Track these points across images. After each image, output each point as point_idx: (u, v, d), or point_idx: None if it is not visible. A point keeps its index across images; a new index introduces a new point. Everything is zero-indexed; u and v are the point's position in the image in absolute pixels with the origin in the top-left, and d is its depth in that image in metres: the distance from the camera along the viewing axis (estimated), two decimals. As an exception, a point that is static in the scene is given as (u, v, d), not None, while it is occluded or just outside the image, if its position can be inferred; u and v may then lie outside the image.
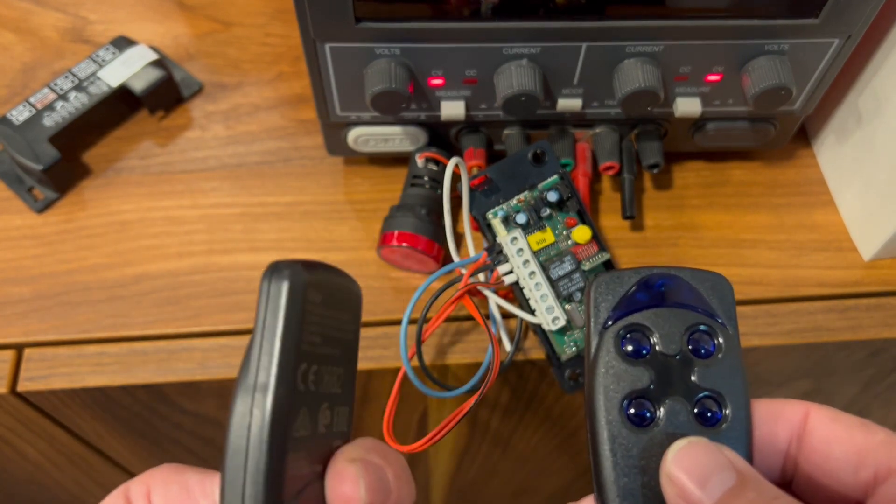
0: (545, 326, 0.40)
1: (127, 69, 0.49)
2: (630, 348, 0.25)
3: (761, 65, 0.40)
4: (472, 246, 0.43)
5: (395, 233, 0.44)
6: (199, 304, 0.44)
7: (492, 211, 0.43)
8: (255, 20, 0.55)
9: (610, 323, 0.25)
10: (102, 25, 0.54)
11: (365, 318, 0.44)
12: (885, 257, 0.46)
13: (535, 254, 0.42)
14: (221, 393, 0.44)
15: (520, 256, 0.42)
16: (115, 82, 0.48)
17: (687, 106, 0.43)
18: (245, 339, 0.43)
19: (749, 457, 0.24)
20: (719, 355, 0.24)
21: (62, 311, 0.44)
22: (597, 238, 0.43)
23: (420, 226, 0.44)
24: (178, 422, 0.49)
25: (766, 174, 0.50)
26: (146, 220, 0.47)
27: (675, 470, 0.22)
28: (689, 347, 0.25)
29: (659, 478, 0.23)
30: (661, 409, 0.24)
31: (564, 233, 0.43)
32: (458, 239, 0.45)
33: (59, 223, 0.47)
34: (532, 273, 0.41)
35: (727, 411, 0.24)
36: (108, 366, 0.42)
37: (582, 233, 0.42)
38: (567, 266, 0.42)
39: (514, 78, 0.40)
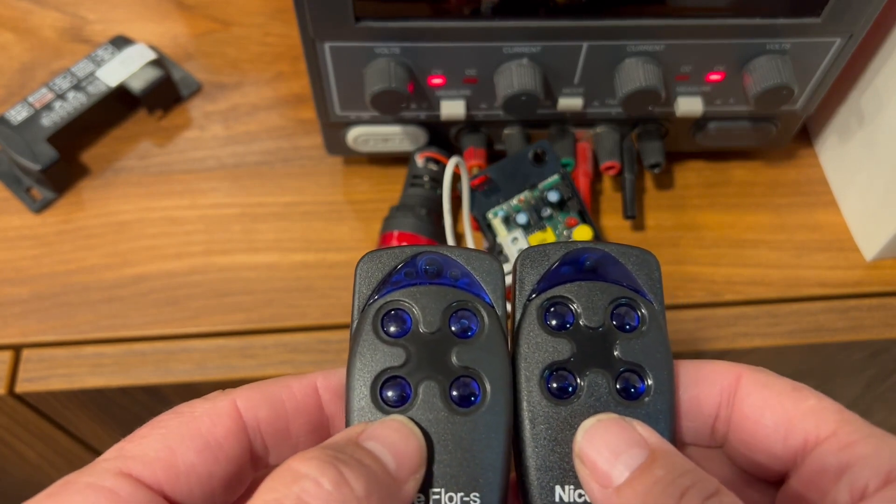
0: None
1: (125, 69, 0.49)
2: (553, 321, 0.24)
3: (763, 64, 0.40)
4: (473, 246, 0.43)
5: (396, 233, 0.43)
6: (197, 305, 0.44)
7: (492, 211, 0.43)
8: (254, 20, 0.55)
9: (534, 296, 0.24)
10: (101, 25, 0.54)
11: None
12: (886, 257, 0.46)
13: (536, 254, 0.42)
14: (220, 394, 0.44)
15: (520, 257, 0.42)
16: (113, 82, 0.48)
17: (688, 105, 0.43)
18: (244, 340, 0.43)
19: (671, 431, 0.23)
20: (643, 329, 0.24)
21: (60, 311, 0.44)
22: (598, 238, 0.42)
23: (420, 226, 0.43)
24: (176, 423, 0.49)
25: (767, 174, 0.50)
26: (145, 220, 0.47)
27: (586, 449, 0.22)
28: (613, 322, 0.24)
29: None
30: (583, 383, 0.23)
31: (565, 233, 0.42)
32: (459, 239, 0.45)
33: (58, 223, 0.47)
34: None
35: (649, 384, 0.23)
36: (106, 367, 0.42)
37: (583, 233, 0.42)
38: (568, 266, 0.41)
39: (515, 77, 0.39)
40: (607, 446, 0.21)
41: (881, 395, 0.56)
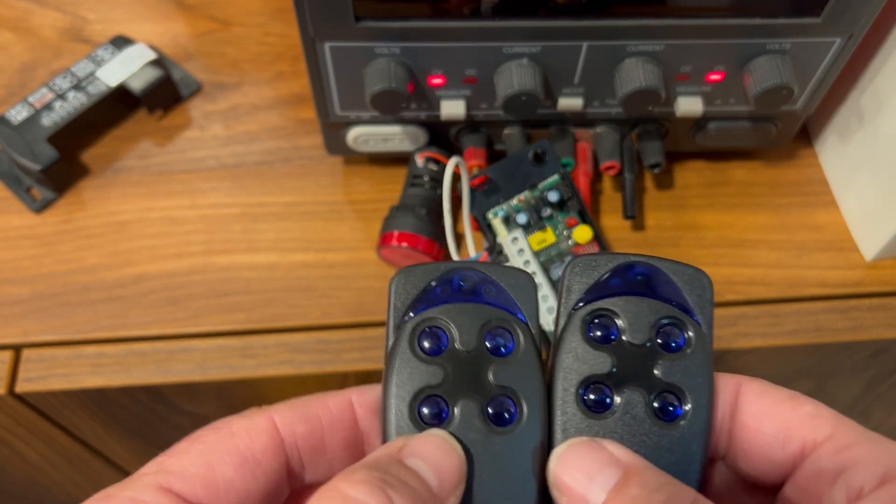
0: (546, 327, 0.40)
1: (125, 69, 0.49)
2: (597, 333, 0.24)
3: (763, 64, 0.40)
4: (473, 246, 0.43)
5: (396, 233, 0.43)
6: (197, 305, 0.44)
7: (492, 211, 0.43)
8: (254, 19, 0.55)
9: (580, 305, 0.24)
10: (101, 25, 0.54)
11: (365, 318, 0.43)
12: (886, 257, 0.46)
13: (536, 254, 0.42)
14: (221, 394, 0.44)
15: (520, 257, 0.42)
16: (113, 82, 0.48)
17: (688, 105, 0.43)
18: (244, 340, 0.43)
19: (704, 456, 0.23)
20: (688, 351, 0.23)
21: (60, 311, 0.44)
22: (598, 238, 0.42)
23: (420, 226, 0.43)
24: (177, 423, 0.49)
25: (767, 174, 0.50)
26: (145, 220, 0.47)
27: (560, 475, 0.22)
28: (658, 340, 0.24)
29: None
30: (619, 399, 0.23)
31: (565, 233, 0.42)
32: (459, 239, 0.45)
33: (58, 223, 0.47)
34: (533, 273, 0.40)
35: (687, 409, 0.23)
36: (106, 366, 0.42)
37: (583, 233, 0.42)
38: (568, 266, 0.41)
39: (515, 77, 0.39)
40: (581, 470, 0.21)
41: (881, 395, 0.56)
